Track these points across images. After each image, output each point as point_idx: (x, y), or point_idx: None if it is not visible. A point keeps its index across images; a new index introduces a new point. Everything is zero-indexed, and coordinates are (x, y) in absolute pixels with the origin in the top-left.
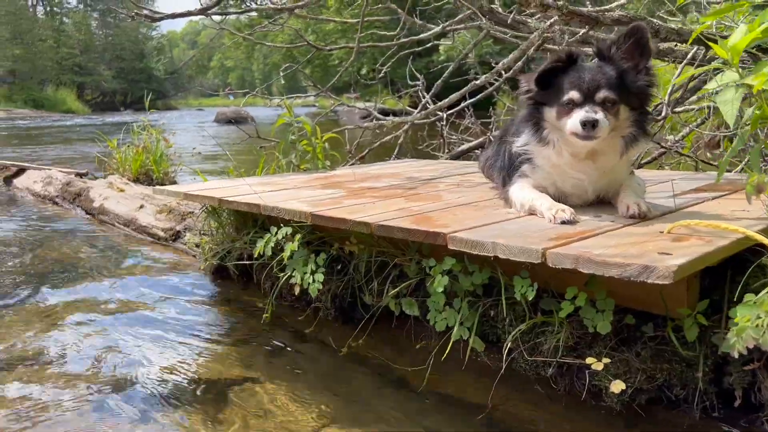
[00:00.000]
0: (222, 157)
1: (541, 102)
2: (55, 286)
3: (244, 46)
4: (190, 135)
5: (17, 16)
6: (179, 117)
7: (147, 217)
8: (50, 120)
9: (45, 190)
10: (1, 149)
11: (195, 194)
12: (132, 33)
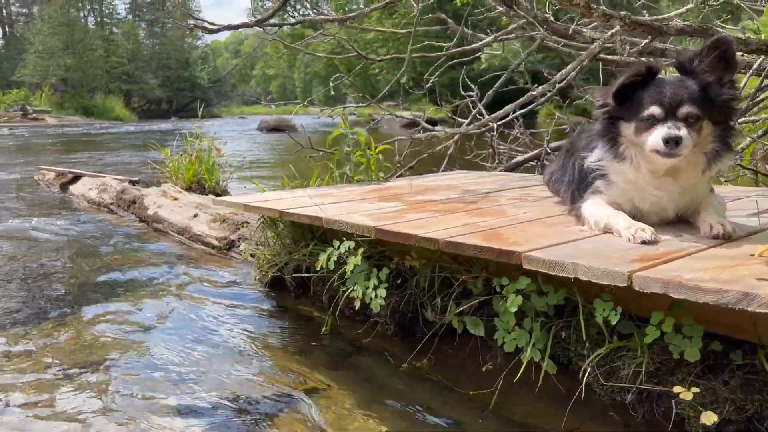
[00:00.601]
0: (268, 165)
1: (617, 117)
2: (110, 293)
3: (287, 56)
4: (236, 143)
5: (70, 27)
6: (223, 125)
7: (201, 226)
8: (99, 127)
9: (100, 197)
10: (54, 156)
11: (255, 206)
12: (178, 42)
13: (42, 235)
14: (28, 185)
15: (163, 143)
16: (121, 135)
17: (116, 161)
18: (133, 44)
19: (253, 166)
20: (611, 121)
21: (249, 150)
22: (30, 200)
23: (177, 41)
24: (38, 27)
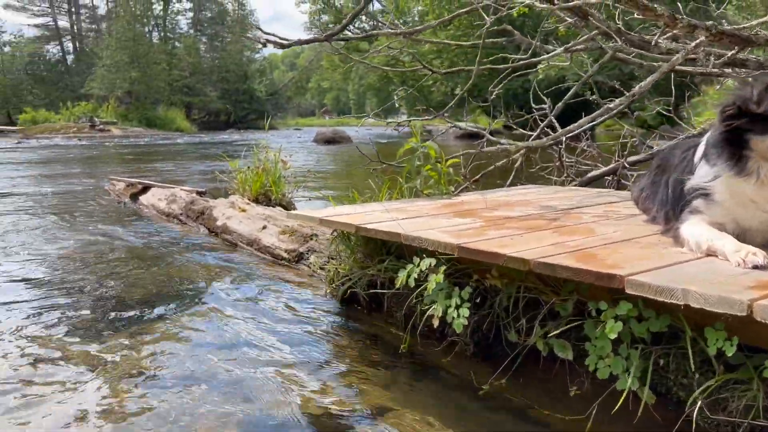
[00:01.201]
0: (329, 177)
1: (746, 129)
2: (181, 305)
3: (342, 69)
4: (295, 155)
5: (136, 42)
6: (280, 136)
7: (270, 237)
8: (161, 138)
9: (169, 207)
10: (121, 166)
11: (331, 220)
12: (236, 56)
13: (113, 244)
14: (99, 195)
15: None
16: (182, 146)
17: (179, 172)
18: (194, 58)
19: (316, 178)
20: (737, 134)
21: (308, 162)
22: (102, 210)
23: (236, 55)
24: (107, 42)
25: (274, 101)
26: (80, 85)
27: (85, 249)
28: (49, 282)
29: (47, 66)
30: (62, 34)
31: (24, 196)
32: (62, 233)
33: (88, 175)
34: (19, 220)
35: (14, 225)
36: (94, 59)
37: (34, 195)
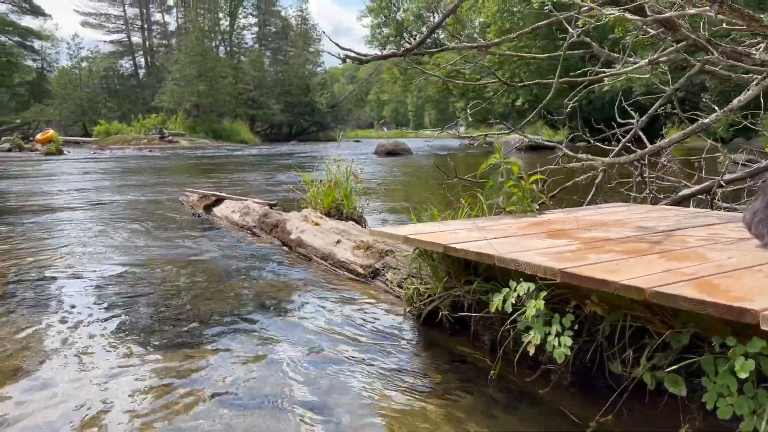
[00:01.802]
0: (395, 190)
1: None
2: (255, 318)
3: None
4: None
5: (204, 56)
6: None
7: (344, 252)
8: (227, 150)
9: (243, 219)
10: (190, 177)
11: (416, 239)
12: (299, 69)
13: (190, 255)
14: (174, 206)
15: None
16: (247, 158)
17: (246, 183)
18: (258, 72)
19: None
20: None
21: (372, 175)
22: (177, 220)
23: (298, 68)
24: (176, 57)
25: (335, 114)
26: (151, 98)
27: (163, 259)
28: (126, 292)
29: (120, 80)
30: (135, 49)
31: (102, 206)
32: (140, 243)
33: (162, 186)
34: (98, 230)
35: (93, 234)
36: (164, 73)
37: (111, 205)
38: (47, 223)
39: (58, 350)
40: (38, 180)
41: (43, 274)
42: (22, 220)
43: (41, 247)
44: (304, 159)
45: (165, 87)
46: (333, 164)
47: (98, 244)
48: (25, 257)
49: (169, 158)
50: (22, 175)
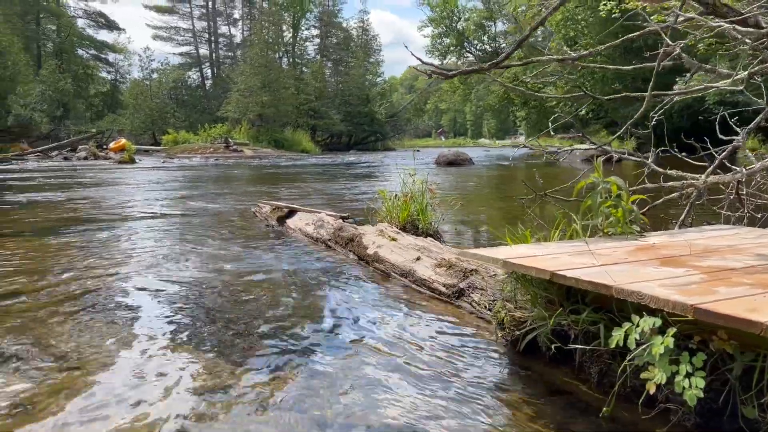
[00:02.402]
0: (465, 204)
1: None
2: (330, 334)
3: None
4: None
5: (268, 68)
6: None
7: (426, 270)
8: (289, 159)
9: (317, 232)
10: (258, 186)
11: (517, 263)
12: (359, 80)
13: (264, 267)
14: (246, 217)
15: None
16: (310, 167)
17: (313, 192)
18: (320, 82)
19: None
20: None
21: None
22: (250, 231)
23: (358, 79)
24: (241, 68)
25: (393, 123)
26: (216, 108)
27: (236, 271)
28: (197, 304)
29: (188, 91)
30: (202, 61)
31: (174, 216)
32: (213, 254)
33: (232, 196)
34: (172, 241)
35: (167, 245)
36: (229, 84)
37: (184, 215)
38: (121, 233)
39: (123, 356)
40: (112, 189)
41: (114, 284)
42: (97, 229)
43: (114, 258)
44: (366, 169)
45: (230, 97)
46: (408, 177)
47: (172, 256)
48: (97, 267)
49: (235, 167)
50: (97, 184)
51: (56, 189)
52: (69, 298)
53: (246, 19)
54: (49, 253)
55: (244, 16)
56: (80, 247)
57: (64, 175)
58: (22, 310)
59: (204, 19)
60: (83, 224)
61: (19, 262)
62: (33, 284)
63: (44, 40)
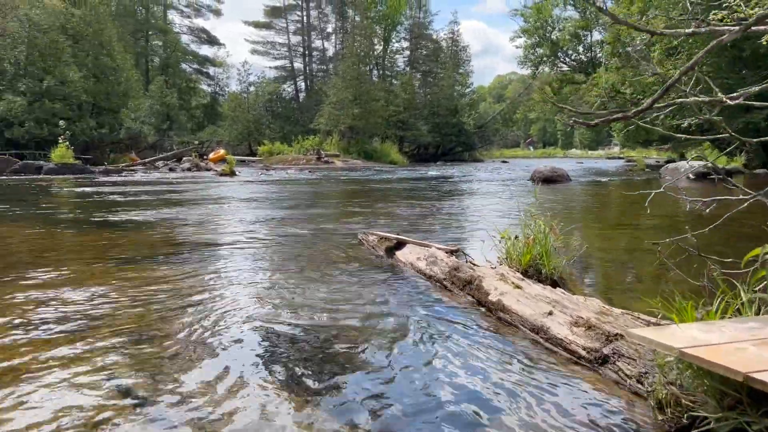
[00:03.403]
0: (577, 234)
1: None
2: (450, 391)
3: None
4: (515, 198)
5: (359, 81)
6: (487, 170)
7: (559, 327)
8: (379, 170)
9: (430, 269)
10: (354, 204)
11: (698, 357)
12: (448, 91)
13: (369, 303)
14: (352, 245)
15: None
16: (401, 181)
17: (410, 213)
18: (408, 94)
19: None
20: None
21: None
22: (357, 264)
23: (447, 90)
24: (333, 81)
25: (481, 134)
26: (309, 121)
27: (345, 311)
28: (303, 349)
29: (283, 103)
30: (296, 74)
31: (278, 240)
32: (320, 289)
33: (333, 216)
34: (275, 270)
35: (271, 277)
36: (321, 97)
37: (287, 239)
38: (224, 262)
39: (212, 385)
40: (214, 207)
41: (218, 322)
42: (198, 258)
43: (216, 291)
44: (457, 184)
45: (322, 110)
46: (530, 217)
47: (276, 291)
48: (193, 294)
49: (328, 181)
50: (199, 201)
51: (161, 205)
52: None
53: (339, 33)
54: (152, 284)
55: (337, 30)
56: (181, 278)
57: (169, 190)
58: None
59: (299, 34)
60: (185, 250)
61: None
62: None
63: (152, 55)
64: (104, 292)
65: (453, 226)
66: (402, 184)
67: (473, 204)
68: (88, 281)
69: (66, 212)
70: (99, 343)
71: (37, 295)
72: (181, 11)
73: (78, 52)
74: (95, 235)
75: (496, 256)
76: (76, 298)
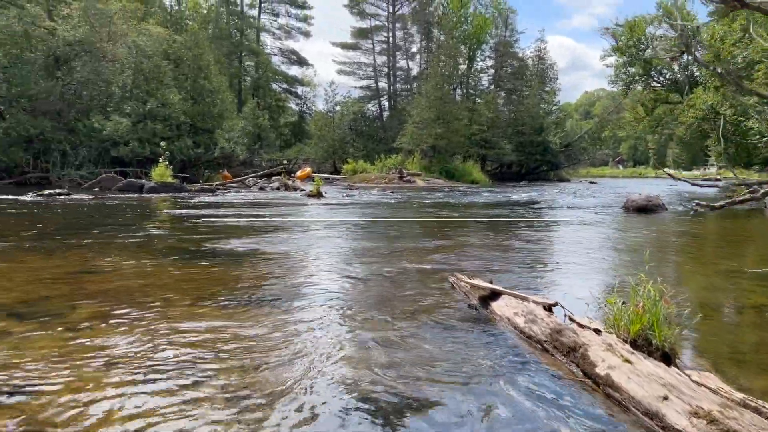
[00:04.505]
0: (685, 286)
1: None
2: None
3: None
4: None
5: (443, 100)
6: (572, 191)
7: (678, 417)
8: (462, 191)
9: (529, 328)
10: (444, 234)
11: None
12: (533, 109)
13: (460, 363)
14: (442, 289)
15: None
16: (485, 207)
17: (498, 248)
18: (492, 113)
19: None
20: None
21: (632, 248)
22: (448, 313)
23: (532, 108)
24: (416, 101)
25: (568, 152)
26: (392, 140)
27: (437, 370)
28: (383, 409)
29: (366, 122)
30: (380, 93)
31: (364, 278)
32: (406, 340)
33: (418, 249)
34: (360, 308)
35: (355, 318)
36: (404, 116)
37: (372, 274)
38: (306, 302)
39: None
40: (300, 236)
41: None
42: (283, 295)
43: (293, 338)
44: (545, 210)
45: (405, 129)
46: (637, 287)
47: (361, 338)
48: (277, 348)
49: (412, 205)
50: (289, 227)
51: (255, 233)
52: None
53: (423, 53)
54: (238, 335)
55: (422, 50)
56: (270, 325)
57: (261, 213)
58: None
59: (384, 54)
60: (275, 290)
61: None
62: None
63: (244, 76)
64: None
65: (543, 265)
66: (486, 210)
67: (563, 238)
68: (190, 321)
69: (167, 237)
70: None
71: (146, 337)
72: (273, 33)
73: (178, 76)
74: (198, 267)
75: (595, 313)
76: (180, 343)
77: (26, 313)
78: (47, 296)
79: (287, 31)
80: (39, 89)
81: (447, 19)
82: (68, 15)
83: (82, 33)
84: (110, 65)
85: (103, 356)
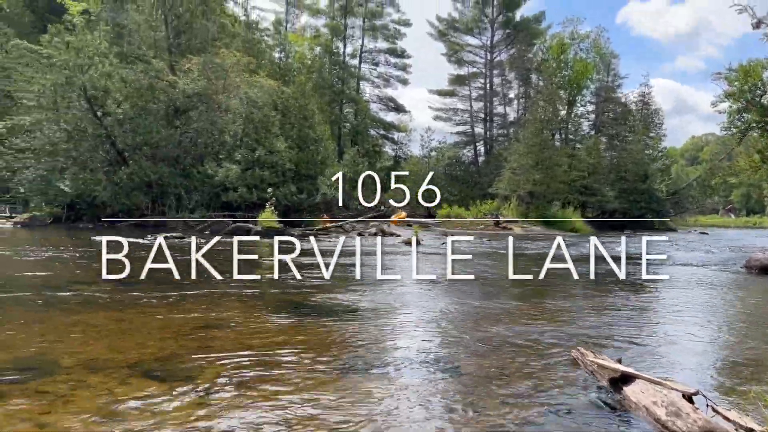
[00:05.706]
0: None
1: None
2: None
3: (766, 168)
4: (721, 294)
5: (541, 146)
6: (682, 242)
7: None
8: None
9: (672, 423)
10: (552, 295)
11: None
12: (637, 155)
13: None
14: (562, 363)
15: (632, 278)
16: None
17: (610, 315)
18: (594, 159)
19: None
20: None
21: (766, 323)
22: (573, 395)
23: (636, 154)
24: (514, 147)
25: (674, 200)
26: (488, 185)
27: None
28: None
29: (462, 167)
30: (476, 139)
31: (472, 342)
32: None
33: (529, 313)
34: (475, 383)
35: (471, 393)
36: (501, 161)
37: (481, 342)
38: (415, 370)
39: None
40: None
41: None
42: (386, 363)
43: (406, 414)
44: (654, 266)
45: (502, 174)
46: None
47: (478, 419)
48: None
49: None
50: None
51: (357, 287)
52: None
53: (521, 98)
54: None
55: (520, 95)
56: (379, 395)
57: (373, 262)
58: None
59: (480, 100)
60: (379, 357)
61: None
62: None
63: (344, 122)
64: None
65: (665, 337)
66: (587, 266)
67: (681, 303)
68: (310, 391)
69: (275, 287)
70: None
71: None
72: (372, 81)
73: (285, 125)
74: (311, 327)
75: (733, 400)
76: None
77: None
78: (178, 353)
79: (386, 79)
80: (159, 137)
81: (547, 65)
82: (189, 69)
83: (200, 86)
84: (223, 115)
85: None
